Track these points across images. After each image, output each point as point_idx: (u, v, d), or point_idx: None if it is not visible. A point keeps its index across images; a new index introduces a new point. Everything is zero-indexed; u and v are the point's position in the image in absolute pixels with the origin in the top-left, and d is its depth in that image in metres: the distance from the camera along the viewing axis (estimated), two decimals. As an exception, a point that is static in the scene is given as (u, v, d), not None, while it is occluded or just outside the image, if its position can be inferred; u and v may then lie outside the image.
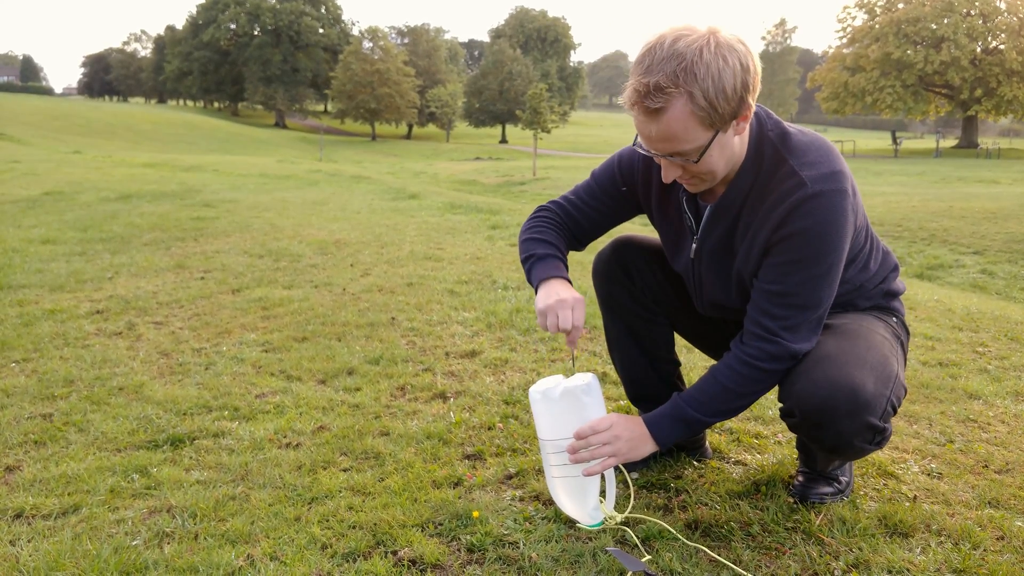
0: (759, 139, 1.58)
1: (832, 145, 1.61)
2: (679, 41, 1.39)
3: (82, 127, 42.92)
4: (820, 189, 1.51)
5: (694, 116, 1.42)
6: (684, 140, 1.46)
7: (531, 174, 21.52)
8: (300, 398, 2.60)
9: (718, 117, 1.43)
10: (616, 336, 2.03)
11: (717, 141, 1.48)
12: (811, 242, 1.52)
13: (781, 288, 1.57)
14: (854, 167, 24.44)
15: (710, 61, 1.38)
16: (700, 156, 1.49)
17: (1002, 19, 39.29)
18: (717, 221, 1.67)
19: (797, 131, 1.60)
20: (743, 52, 1.41)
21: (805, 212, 1.51)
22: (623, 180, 1.83)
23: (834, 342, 1.62)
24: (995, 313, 4.01)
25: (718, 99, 1.40)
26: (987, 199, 11.95)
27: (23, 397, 2.66)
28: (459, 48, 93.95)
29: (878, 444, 1.61)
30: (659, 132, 1.46)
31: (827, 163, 1.54)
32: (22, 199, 9.35)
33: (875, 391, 1.54)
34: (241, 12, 67.32)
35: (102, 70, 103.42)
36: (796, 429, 1.67)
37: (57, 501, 1.89)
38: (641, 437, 1.65)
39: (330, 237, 6.19)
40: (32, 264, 5.20)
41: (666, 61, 1.39)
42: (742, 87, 1.42)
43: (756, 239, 1.60)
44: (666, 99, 1.40)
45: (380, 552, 1.65)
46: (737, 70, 1.40)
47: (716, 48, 1.39)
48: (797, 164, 1.54)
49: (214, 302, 4.06)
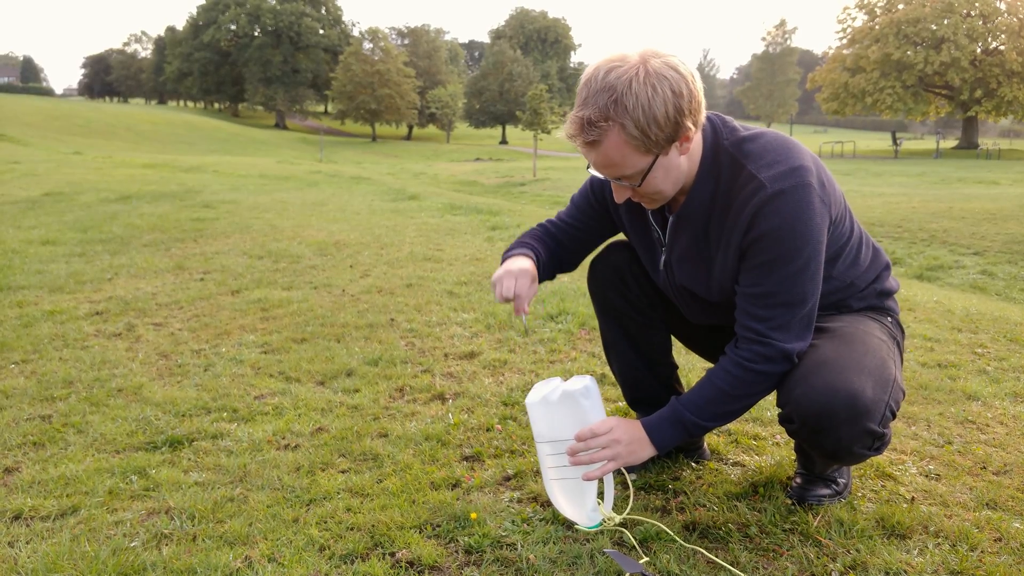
0: (715, 149, 1.61)
1: (793, 142, 1.62)
2: (611, 73, 1.44)
3: (82, 128, 42.93)
4: (781, 187, 1.52)
5: (629, 145, 1.47)
6: (624, 166, 1.52)
7: (531, 175, 21.53)
8: (299, 399, 2.60)
9: (653, 144, 1.48)
10: (613, 340, 2.04)
11: (659, 164, 1.53)
12: (782, 240, 1.53)
13: (762, 289, 1.58)
14: (854, 168, 24.44)
15: (639, 91, 1.42)
16: (642, 179, 1.54)
17: (1002, 20, 39.26)
18: (680, 230, 1.70)
19: (754, 135, 1.61)
20: (675, 79, 1.44)
21: (770, 212, 1.52)
22: (596, 200, 1.88)
23: (832, 347, 1.62)
24: (994, 314, 4.01)
25: (650, 127, 1.44)
26: (987, 200, 11.95)
27: (22, 398, 2.67)
28: (459, 49, 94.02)
29: (877, 450, 1.61)
30: (599, 161, 1.53)
31: (785, 161, 1.55)
32: (22, 200, 9.36)
33: (874, 397, 1.54)
34: (241, 13, 67.32)
35: (102, 71, 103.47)
36: (795, 435, 1.67)
37: (56, 503, 1.89)
38: (640, 441, 1.66)
39: (330, 238, 6.19)
40: (32, 265, 5.20)
41: (599, 94, 1.44)
42: (675, 112, 1.45)
43: (729, 247, 1.61)
44: (600, 132, 1.46)
45: (378, 554, 1.65)
46: (668, 97, 1.43)
47: (645, 78, 1.42)
48: (755, 168, 1.56)
49: (213, 303, 4.07)
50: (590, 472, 1.64)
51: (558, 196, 15.84)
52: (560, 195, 15.98)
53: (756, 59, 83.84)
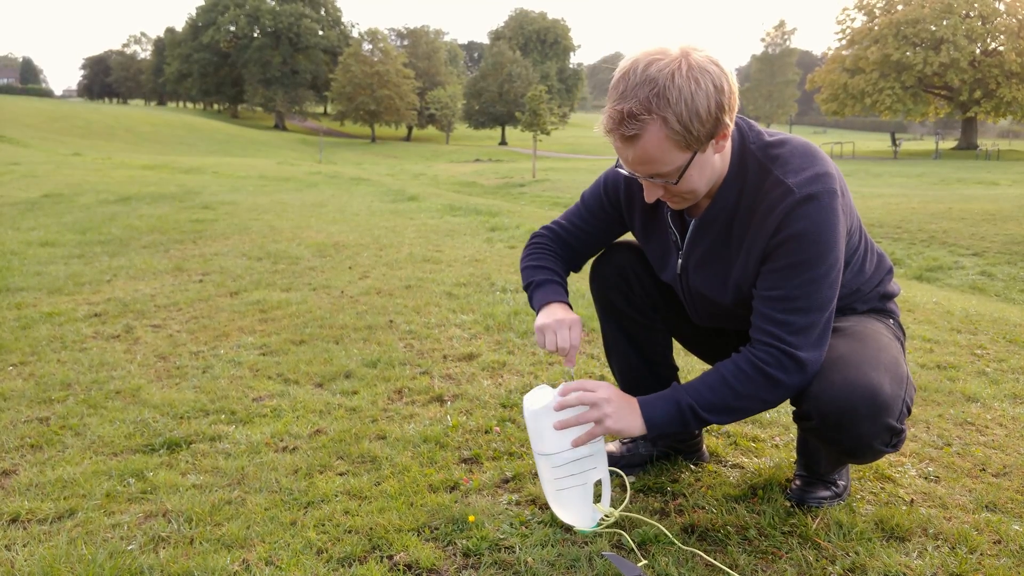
0: (742, 153, 1.60)
1: (816, 148, 1.61)
2: (651, 66, 1.41)
3: (82, 129, 42.94)
4: (809, 192, 1.51)
5: (670, 140, 1.44)
6: (662, 163, 1.49)
7: (531, 176, 21.53)
8: (297, 401, 2.60)
9: (694, 139, 1.45)
10: (614, 341, 2.03)
11: (696, 161, 1.51)
12: (808, 244, 1.52)
13: (783, 293, 1.56)
14: (853, 168, 24.45)
15: (682, 85, 1.39)
16: (679, 177, 1.52)
17: (1001, 20, 39.31)
18: (702, 235, 1.68)
19: (780, 140, 1.61)
20: (716, 73, 1.42)
21: (798, 216, 1.51)
22: (609, 201, 1.86)
23: (846, 344, 1.61)
24: (994, 315, 4.01)
25: (692, 122, 1.42)
26: (986, 200, 11.95)
27: (20, 401, 2.66)
28: (459, 50, 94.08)
29: (895, 446, 1.60)
30: (636, 156, 1.49)
31: (812, 167, 1.55)
32: (21, 201, 9.35)
33: (892, 392, 1.53)
34: (241, 14, 67.34)
35: (102, 72, 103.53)
36: (812, 432, 1.63)
37: (53, 505, 1.89)
38: (630, 409, 1.61)
39: (329, 239, 6.19)
40: (31, 267, 5.20)
41: (639, 87, 1.41)
42: (716, 108, 1.43)
43: (753, 249, 1.60)
44: (640, 126, 1.43)
45: (376, 557, 1.65)
46: (711, 91, 1.41)
47: (688, 71, 1.40)
48: (782, 173, 1.55)
49: (212, 305, 4.06)
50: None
51: (558, 197, 15.84)
52: (559, 196, 15.99)
53: (755, 60, 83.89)
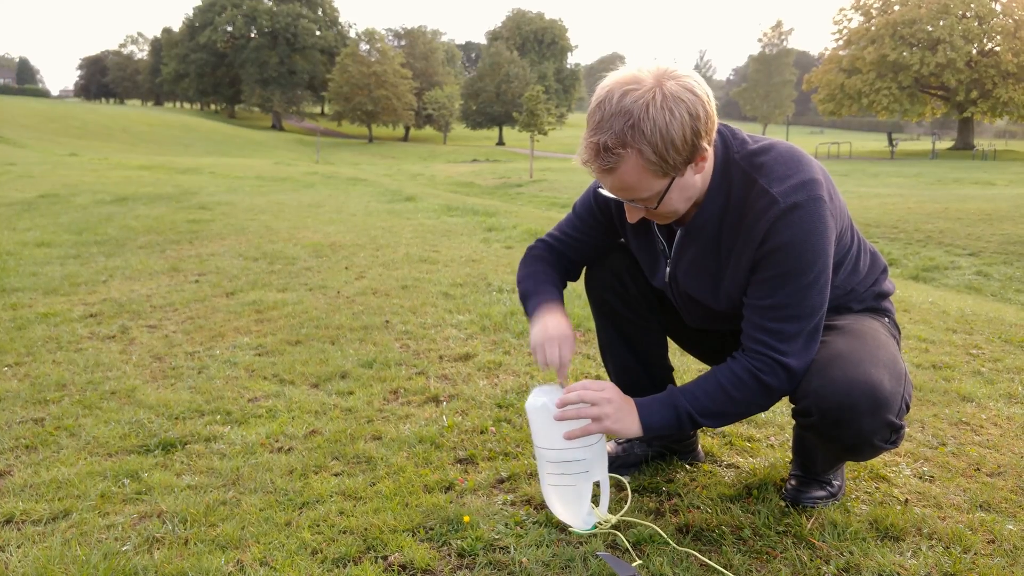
0: (725, 163, 1.59)
1: (802, 153, 1.60)
2: (626, 96, 1.40)
3: (78, 129, 42.87)
4: (793, 201, 1.51)
5: (647, 170, 1.45)
6: (641, 190, 1.50)
7: (528, 176, 21.53)
8: (292, 402, 2.59)
9: (670, 167, 1.46)
10: (609, 342, 2.03)
11: (675, 185, 1.51)
12: (795, 254, 1.52)
13: (772, 302, 1.57)
14: (850, 168, 24.49)
15: (656, 116, 1.39)
16: (659, 201, 1.53)
17: (997, 21, 39.40)
18: (689, 243, 1.68)
19: (764, 147, 1.60)
20: (691, 101, 1.41)
21: (784, 226, 1.51)
22: (600, 210, 1.87)
23: (844, 341, 1.62)
24: (989, 315, 4.02)
25: (668, 151, 1.42)
26: (983, 201, 11.97)
27: (15, 401, 2.65)
28: (456, 50, 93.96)
29: (894, 443, 1.60)
30: (615, 185, 1.51)
31: (797, 174, 1.54)
32: (17, 202, 9.33)
33: (892, 389, 1.54)
34: (238, 14, 67.30)
35: (99, 72, 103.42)
36: (812, 429, 1.63)
37: (47, 506, 1.88)
38: (629, 412, 1.63)
39: (325, 240, 6.19)
40: (26, 267, 5.19)
41: (614, 118, 1.41)
42: (692, 135, 1.43)
43: (741, 259, 1.60)
44: (616, 159, 1.43)
45: (370, 557, 1.65)
46: (685, 120, 1.41)
47: (663, 102, 1.39)
48: (767, 182, 1.54)
49: (208, 305, 4.06)
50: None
51: (555, 197, 15.85)
52: (557, 196, 15.99)
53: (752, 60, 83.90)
